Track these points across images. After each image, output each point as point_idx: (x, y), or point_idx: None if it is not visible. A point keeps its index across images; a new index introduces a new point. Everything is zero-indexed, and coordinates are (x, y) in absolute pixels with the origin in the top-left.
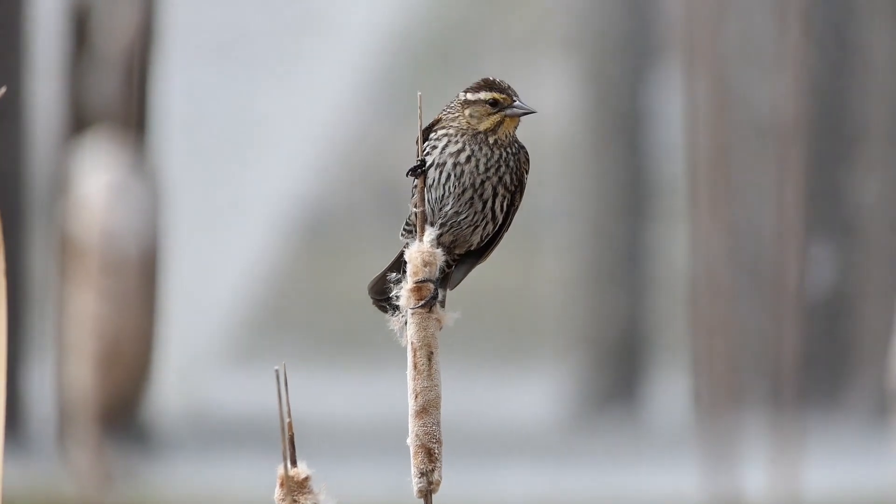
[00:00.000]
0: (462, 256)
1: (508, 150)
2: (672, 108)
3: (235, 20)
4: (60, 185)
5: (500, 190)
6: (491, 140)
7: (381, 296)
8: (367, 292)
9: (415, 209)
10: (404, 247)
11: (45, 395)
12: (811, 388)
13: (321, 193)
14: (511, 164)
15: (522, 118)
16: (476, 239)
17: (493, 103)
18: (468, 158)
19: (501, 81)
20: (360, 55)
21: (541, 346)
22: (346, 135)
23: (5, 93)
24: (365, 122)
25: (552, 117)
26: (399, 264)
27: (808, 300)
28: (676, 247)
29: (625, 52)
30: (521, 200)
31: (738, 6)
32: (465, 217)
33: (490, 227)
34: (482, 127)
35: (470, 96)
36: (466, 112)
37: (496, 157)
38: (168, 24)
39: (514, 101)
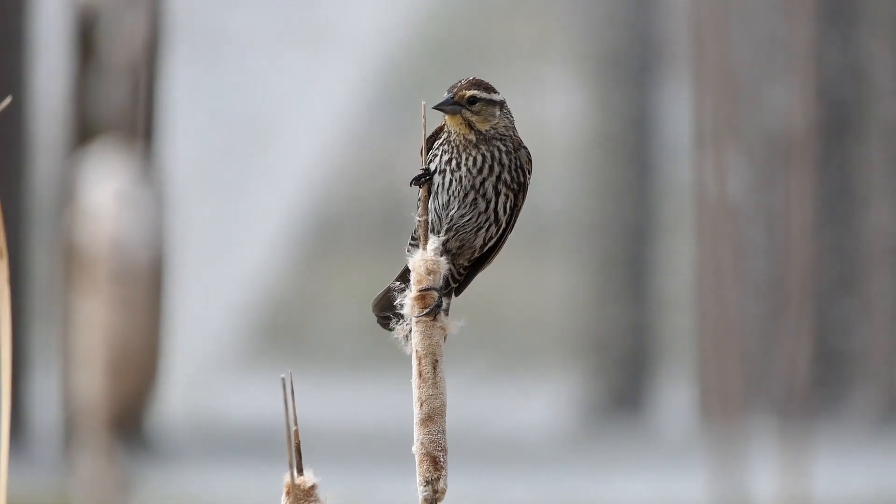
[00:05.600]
0: (468, 269)
1: (493, 146)
2: (679, 116)
3: (242, 32)
4: (67, 194)
5: (502, 188)
6: (464, 142)
7: (385, 312)
8: (371, 309)
9: (419, 219)
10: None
11: (49, 404)
12: (818, 394)
13: (327, 203)
14: (505, 161)
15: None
16: (480, 242)
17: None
18: (458, 164)
19: (458, 81)
20: (365, 67)
21: (547, 355)
22: (351, 145)
23: (11, 102)
24: (370, 133)
25: (558, 127)
26: (404, 279)
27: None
28: (682, 255)
29: (631, 62)
30: (523, 201)
31: (745, 13)
32: (470, 218)
33: (493, 229)
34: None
35: None
36: None
37: (481, 153)
38: (174, 34)
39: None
